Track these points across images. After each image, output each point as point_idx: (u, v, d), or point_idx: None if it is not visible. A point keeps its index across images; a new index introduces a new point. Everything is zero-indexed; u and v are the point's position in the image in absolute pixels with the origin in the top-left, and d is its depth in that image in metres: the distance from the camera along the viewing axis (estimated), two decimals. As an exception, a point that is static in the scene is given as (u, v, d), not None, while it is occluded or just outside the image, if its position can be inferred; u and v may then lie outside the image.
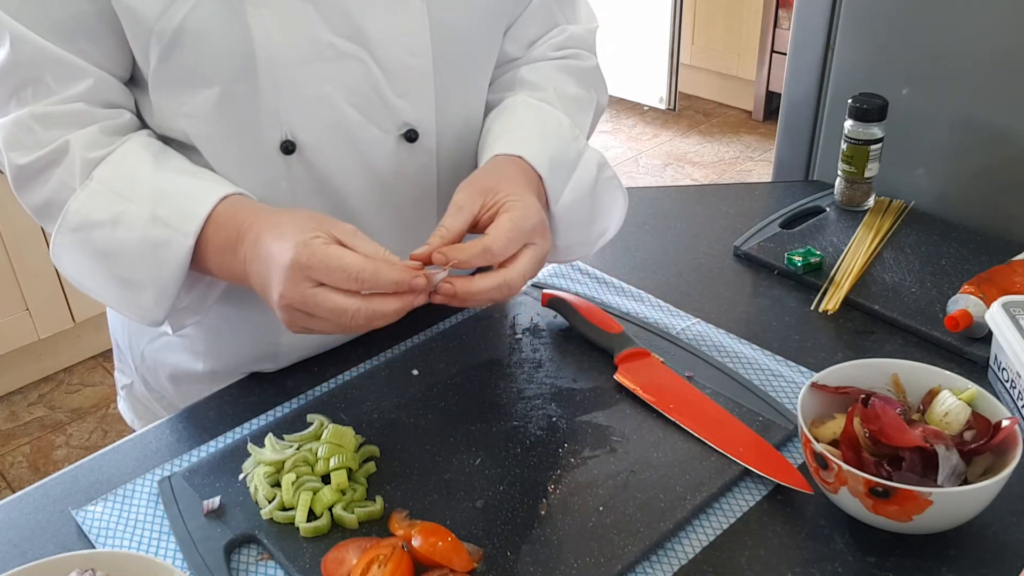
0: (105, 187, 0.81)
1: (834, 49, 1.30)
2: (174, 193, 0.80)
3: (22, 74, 0.80)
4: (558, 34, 1.00)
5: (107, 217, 0.80)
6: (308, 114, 0.83)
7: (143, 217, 0.80)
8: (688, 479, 0.79)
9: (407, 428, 0.87)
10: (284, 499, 0.77)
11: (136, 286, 0.82)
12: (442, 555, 0.70)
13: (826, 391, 0.81)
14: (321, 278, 0.72)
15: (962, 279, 1.04)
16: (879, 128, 1.18)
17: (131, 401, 1.11)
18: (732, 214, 1.26)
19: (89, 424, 2.36)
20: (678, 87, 3.70)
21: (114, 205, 0.80)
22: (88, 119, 0.82)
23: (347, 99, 0.84)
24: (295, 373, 0.96)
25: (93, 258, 0.82)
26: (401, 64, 0.85)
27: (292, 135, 0.83)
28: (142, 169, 0.81)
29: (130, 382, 1.10)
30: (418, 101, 0.87)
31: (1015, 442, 0.73)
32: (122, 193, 0.80)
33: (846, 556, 0.74)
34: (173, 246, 0.79)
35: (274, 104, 0.82)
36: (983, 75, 1.16)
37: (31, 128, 0.81)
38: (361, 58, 0.83)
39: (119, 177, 0.81)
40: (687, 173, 3.52)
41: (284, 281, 0.73)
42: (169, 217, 0.79)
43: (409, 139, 0.88)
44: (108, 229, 0.80)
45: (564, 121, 0.94)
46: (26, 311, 2.33)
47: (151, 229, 0.79)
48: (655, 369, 0.92)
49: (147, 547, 0.76)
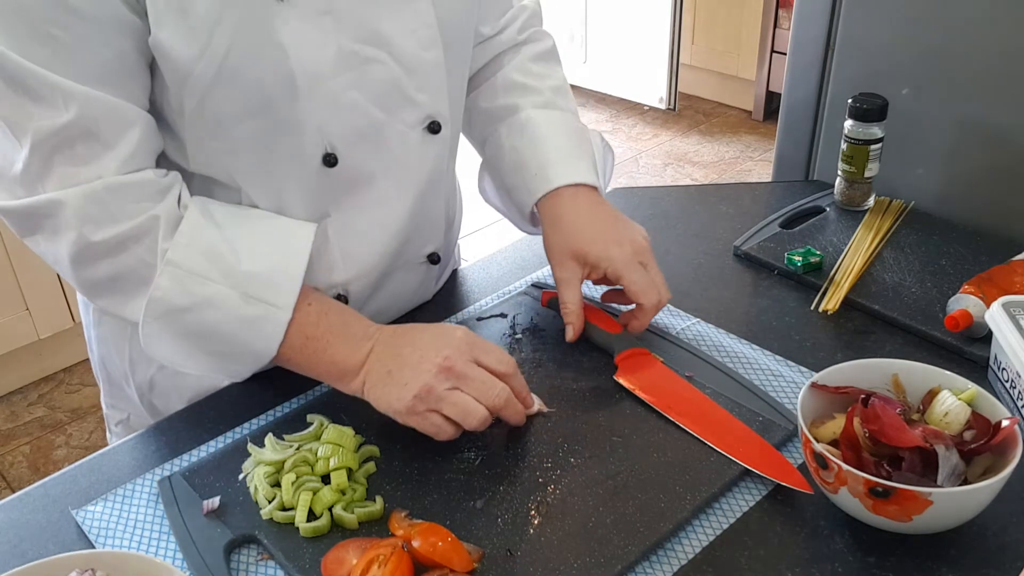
0: (185, 271, 0.81)
1: (834, 49, 1.30)
2: (261, 269, 0.82)
3: (73, 131, 0.76)
4: (520, 12, 1.07)
5: (191, 303, 0.81)
6: (344, 123, 0.85)
7: (234, 297, 0.81)
8: (688, 479, 0.79)
9: (407, 428, 0.86)
10: (284, 499, 0.77)
11: (229, 358, 0.85)
12: (442, 555, 0.70)
13: (826, 391, 0.81)
14: (483, 353, 0.81)
15: (962, 279, 1.04)
16: (879, 128, 1.18)
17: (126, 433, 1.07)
18: (732, 214, 1.26)
19: (89, 424, 2.36)
20: (678, 87, 3.70)
21: (196, 289, 0.81)
22: (158, 188, 0.81)
23: (374, 101, 0.86)
24: (295, 373, 0.96)
25: (184, 341, 0.83)
26: (417, 59, 0.87)
27: (332, 147, 0.85)
28: (217, 244, 0.82)
29: (125, 416, 1.07)
30: (435, 93, 0.90)
31: (1015, 442, 0.73)
32: (205, 275, 0.81)
33: (846, 556, 0.74)
34: (271, 321, 0.82)
35: (316, 120, 0.83)
36: (983, 75, 1.16)
37: (104, 201, 0.78)
38: (382, 60, 0.85)
39: (195, 257, 0.81)
40: (687, 173, 3.52)
41: (453, 349, 0.80)
42: (263, 294, 0.82)
43: (432, 131, 0.92)
44: (196, 313, 0.81)
45: (575, 121, 1.04)
46: (26, 311, 2.33)
47: (244, 308, 0.82)
48: (655, 369, 0.92)
49: (147, 547, 0.76)
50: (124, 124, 0.79)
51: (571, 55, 3.88)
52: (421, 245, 1.00)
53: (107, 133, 0.78)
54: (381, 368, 0.82)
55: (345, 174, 0.88)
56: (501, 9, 1.05)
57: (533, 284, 1.09)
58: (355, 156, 0.88)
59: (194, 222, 0.82)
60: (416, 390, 0.79)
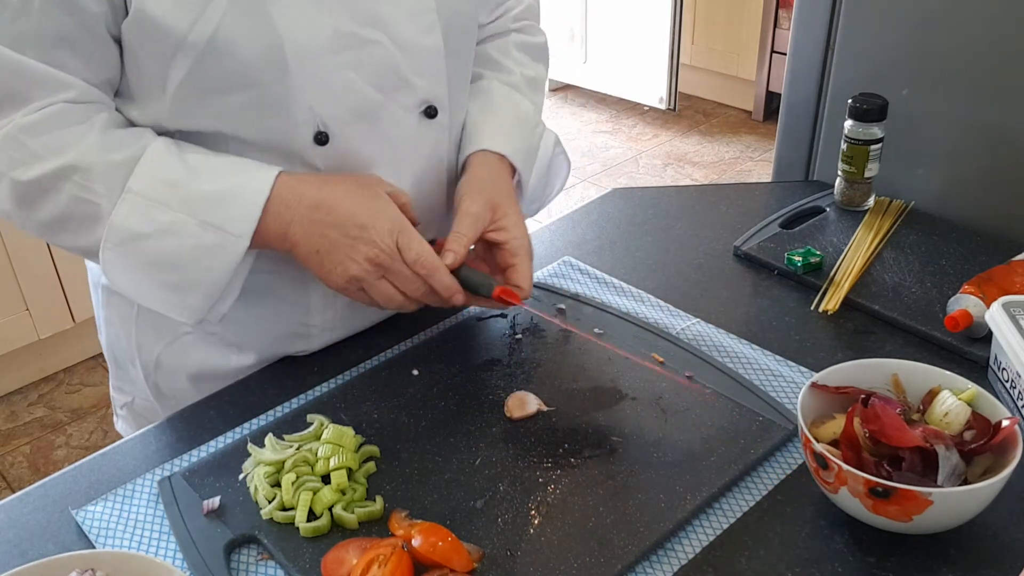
0: (146, 198, 0.82)
1: (834, 49, 1.30)
2: (220, 197, 0.83)
3: (2, 91, 0.80)
4: (516, 4, 1.08)
5: (154, 228, 0.82)
6: (337, 103, 0.86)
7: (192, 224, 0.82)
8: (688, 479, 0.79)
9: (407, 428, 0.87)
10: (284, 499, 0.77)
11: (185, 290, 0.85)
12: (442, 555, 0.70)
13: (826, 391, 0.81)
14: (405, 249, 0.85)
15: (962, 279, 1.04)
16: (879, 128, 1.18)
17: (132, 419, 1.09)
18: (732, 214, 1.26)
19: (89, 424, 2.36)
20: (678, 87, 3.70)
21: (159, 215, 0.82)
22: (72, 117, 0.82)
23: (370, 82, 0.87)
24: (295, 373, 0.96)
25: (143, 269, 0.84)
26: (416, 43, 0.88)
27: (324, 126, 0.86)
28: (179, 175, 0.83)
29: (130, 399, 1.08)
30: (434, 78, 0.91)
31: (1015, 442, 0.73)
32: (166, 202, 0.82)
33: (846, 556, 0.74)
34: (228, 248, 0.83)
35: (307, 99, 0.84)
36: (983, 75, 1.16)
37: (22, 143, 0.80)
38: (380, 41, 0.86)
39: (158, 186, 0.82)
40: (687, 173, 3.52)
41: (380, 246, 0.84)
42: (222, 221, 0.82)
43: (429, 115, 0.92)
44: (156, 239, 0.82)
45: (531, 109, 1.05)
46: (26, 311, 2.33)
47: (203, 236, 0.82)
48: None
49: (147, 547, 0.76)
50: (53, 90, 0.80)
51: (571, 55, 3.88)
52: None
53: (34, 95, 0.80)
54: (309, 247, 0.85)
55: (338, 154, 0.88)
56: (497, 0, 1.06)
57: (536, 285, 1.09)
58: (349, 137, 0.88)
59: (156, 154, 0.83)
60: (347, 278, 0.85)
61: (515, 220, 0.94)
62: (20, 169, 0.80)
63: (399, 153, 0.93)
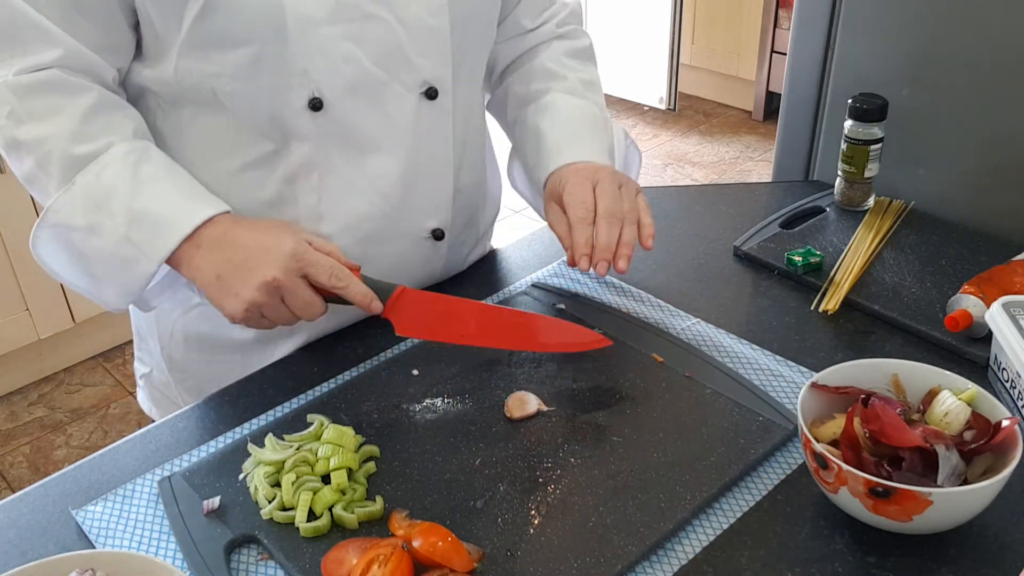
0: (85, 195, 0.86)
1: (834, 49, 1.30)
2: (148, 218, 0.86)
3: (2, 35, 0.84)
4: (561, 9, 1.11)
5: (84, 224, 0.87)
6: (334, 72, 0.88)
7: (117, 234, 0.86)
8: (688, 479, 0.79)
9: (407, 428, 0.87)
10: (284, 499, 0.77)
11: (102, 284, 0.91)
12: (442, 555, 0.70)
13: (826, 391, 0.81)
14: (310, 270, 0.85)
15: (962, 279, 1.04)
16: (879, 128, 1.18)
17: (150, 390, 1.15)
18: (732, 214, 1.26)
19: (89, 424, 2.36)
20: (678, 87, 3.70)
21: (91, 215, 0.86)
22: (63, 88, 0.86)
23: (371, 57, 0.89)
24: (295, 373, 0.96)
25: (67, 254, 0.90)
26: (421, 24, 0.90)
27: (319, 92, 0.88)
28: (121, 184, 0.86)
29: (149, 370, 1.12)
30: (437, 60, 0.92)
31: (1015, 442, 0.73)
32: (100, 205, 0.86)
33: (846, 556, 0.74)
34: (140, 265, 0.87)
35: (303, 63, 0.86)
36: (983, 75, 1.16)
37: (6, 99, 0.85)
38: (384, 17, 0.88)
39: (99, 188, 0.86)
40: (687, 173, 3.52)
41: (280, 267, 0.83)
42: (140, 241, 0.86)
43: (429, 96, 0.93)
44: (83, 234, 0.87)
45: (597, 110, 1.08)
46: (26, 311, 2.33)
47: (122, 247, 0.87)
48: (422, 302, 0.92)
49: (147, 547, 0.76)
50: (43, 43, 0.84)
51: (571, 55, 3.87)
52: (421, 217, 1.00)
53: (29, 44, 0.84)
54: (210, 272, 0.86)
55: (332, 124, 0.91)
56: (542, 5, 1.09)
57: (533, 284, 1.09)
58: (345, 107, 0.90)
59: (111, 158, 0.87)
60: (246, 304, 0.84)
61: (575, 184, 0.94)
62: (6, 122, 0.86)
63: (397, 131, 0.94)
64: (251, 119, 0.91)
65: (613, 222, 0.92)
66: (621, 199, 0.94)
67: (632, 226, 0.93)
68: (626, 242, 0.92)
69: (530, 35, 1.09)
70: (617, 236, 0.92)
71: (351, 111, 0.91)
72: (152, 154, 0.90)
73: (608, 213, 0.92)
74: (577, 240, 0.92)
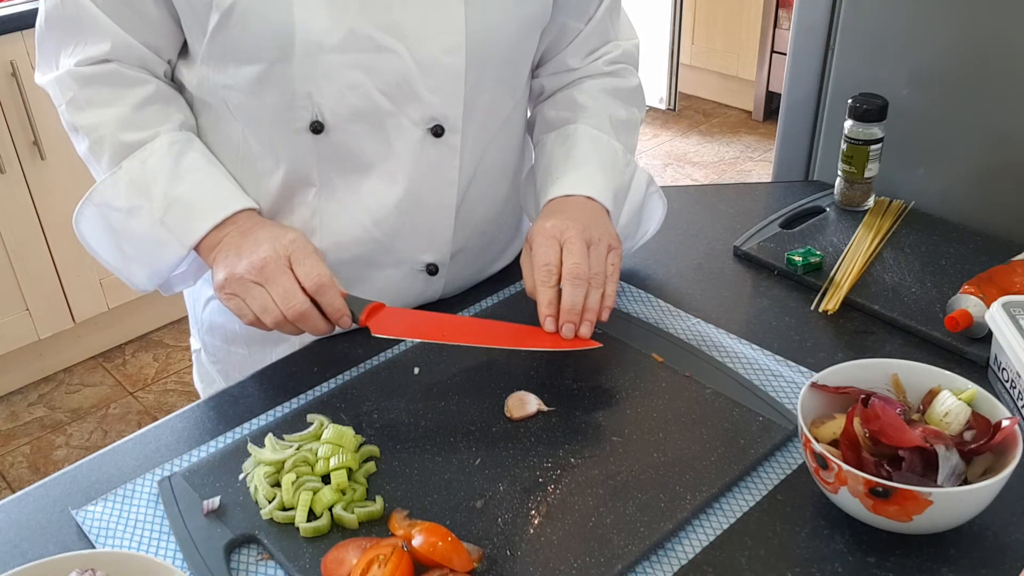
0: (129, 179, 0.92)
1: (834, 49, 1.30)
2: (182, 205, 0.91)
3: (67, 26, 0.90)
4: (613, 49, 1.08)
5: (125, 206, 0.92)
6: (339, 99, 0.89)
7: (153, 217, 0.91)
8: (688, 479, 0.79)
9: (407, 428, 0.87)
10: (284, 499, 0.77)
11: (134, 263, 0.96)
12: (442, 555, 0.70)
13: (826, 391, 0.81)
14: (297, 263, 0.86)
15: (962, 279, 1.04)
16: (879, 128, 1.18)
17: (198, 367, 1.20)
18: (732, 214, 1.26)
19: (89, 424, 2.36)
20: (678, 87, 3.70)
21: (133, 198, 0.92)
22: (119, 79, 0.92)
23: (380, 88, 0.89)
24: (295, 373, 0.96)
25: (106, 232, 0.95)
26: (435, 61, 0.89)
27: (321, 116, 0.90)
28: (162, 172, 0.92)
29: (199, 347, 1.17)
30: (448, 98, 0.92)
31: (1015, 442, 0.73)
32: (141, 190, 0.92)
33: (846, 556, 0.74)
34: (171, 248, 0.92)
35: (307, 86, 0.88)
36: (983, 75, 1.16)
37: (70, 86, 0.92)
38: (397, 51, 0.88)
39: (143, 174, 0.92)
40: (687, 173, 3.52)
41: (274, 248, 0.86)
42: (173, 225, 0.91)
43: (435, 134, 0.93)
44: (123, 215, 0.93)
45: (619, 149, 1.04)
46: (26, 311, 2.33)
47: (156, 230, 0.92)
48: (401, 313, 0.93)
49: (147, 547, 0.76)
50: (96, 35, 0.90)
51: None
52: (415, 250, 1.00)
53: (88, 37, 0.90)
54: (222, 256, 0.90)
55: (334, 148, 0.92)
56: (592, 46, 1.06)
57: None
58: (347, 133, 0.91)
59: (156, 147, 0.92)
60: (227, 274, 0.87)
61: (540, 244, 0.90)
62: (67, 107, 0.93)
63: (398, 163, 0.94)
64: (256, 133, 0.93)
65: (578, 284, 0.88)
66: (588, 259, 0.90)
67: (597, 291, 0.89)
68: (589, 308, 0.89)
69: (576, 71, 1.07)
70: (582, 300, 0.88)
71: (352, 137, 0.91)
72: (195, 146, 0.94)
73: (572, 275, 0.88)
74: (540, 301, 0.89)
